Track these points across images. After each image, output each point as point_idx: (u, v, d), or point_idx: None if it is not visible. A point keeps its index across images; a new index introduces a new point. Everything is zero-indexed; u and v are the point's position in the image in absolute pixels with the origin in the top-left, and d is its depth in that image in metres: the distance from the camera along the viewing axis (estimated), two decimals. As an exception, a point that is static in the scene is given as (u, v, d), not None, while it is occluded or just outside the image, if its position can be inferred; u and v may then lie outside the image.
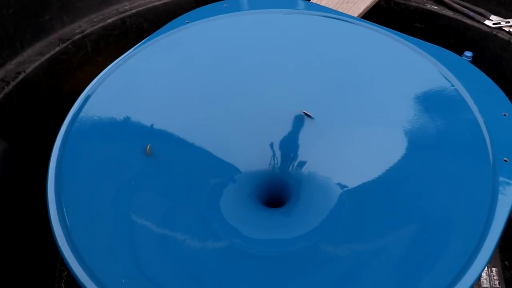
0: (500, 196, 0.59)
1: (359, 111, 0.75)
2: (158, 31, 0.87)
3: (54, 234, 0.58)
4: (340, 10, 0.95)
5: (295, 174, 0.73)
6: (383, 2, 1.09)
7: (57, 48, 0.94)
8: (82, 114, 0.72)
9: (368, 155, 0.70)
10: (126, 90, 0.76)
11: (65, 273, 0.90)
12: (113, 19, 1.03)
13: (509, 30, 0.95)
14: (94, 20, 1.02)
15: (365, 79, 0.78)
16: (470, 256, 0.54)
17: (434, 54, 0.78)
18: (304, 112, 0.66)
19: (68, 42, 0.96)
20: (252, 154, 0.74)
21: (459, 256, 0.54)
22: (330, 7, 0.96)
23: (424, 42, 0.83)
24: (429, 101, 0.72)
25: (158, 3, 1.08)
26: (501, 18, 0.98)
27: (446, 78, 0.74)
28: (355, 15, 0.97)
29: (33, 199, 0.82)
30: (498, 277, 0.74)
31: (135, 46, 0.83)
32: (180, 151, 0.72)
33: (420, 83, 0.75)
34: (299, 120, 0.76)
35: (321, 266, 0.59)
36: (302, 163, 0.73)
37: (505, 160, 0.63)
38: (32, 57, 0.91)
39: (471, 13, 1.00)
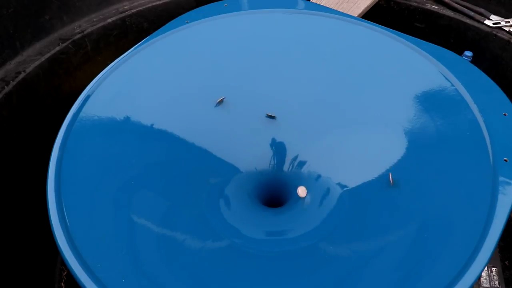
0: (500, 196, 0.59)
1: (359, 111, 0.75)
2: (158, 31, 0.87)
3: (54, 234, 0.58)
4: (340, 10, 0.95)
5: (295, 174, 0.73)
6: (383, 2, 1.09)
7: (57, 48, 0.94)
8: (82, 114, 0.72)
9: (368, 155, 0.70)
10: (126, 90, 0.76)
11: (65, 273, 0.91)
12: (113, 18, 1.03)
13: (509, 30, 0.95)
14: (94, 19, 1.02)
15: (365, 79, 0.78)
16: (470, 256, 0.54)
17: (434, 54, 0.78)
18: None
19: (68, 42, 0.96)
20: (252, 154, 0.74)
21: (459, 256, 0.54)
22: (330, 7, 0.96)
23: (424, 42, 0.83)
24: (429, 101, 0.72)
25: (158, 2, 1.08)
26: (501, 18, 0.98)
27: (446, 78, 0.74)
28: (355, 15, 0.97)
29: (33, 199, 0.82)
30: (498, 277, 0.74)
31: (135, 46, 0.83)
32: (180, 151, 0.72)
33: (420, 83, 0.75)
34: (300, 120, 0.76)
35: (321, 266, 0.59)
36: (302, 163, 0.73)
37: (505, 160, 0.63)
38: (32, 57, 0.91)
39: (471, 13, 1.00)
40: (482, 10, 1.00)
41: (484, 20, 0.98)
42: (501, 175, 0.62)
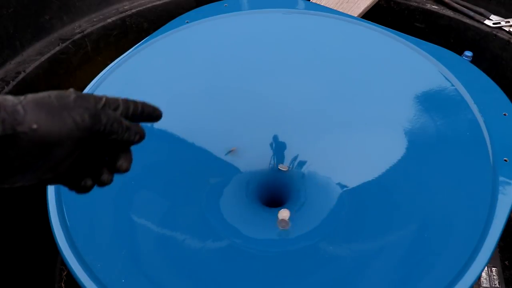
0: (500, 196, 0.59)
1: (359, 111, 0.75)
2: (158, 31, 0.87)
3: (54, 234, 0.58)
4: (340, 10, 0.95)
5: (295, 174, 0.73)
6: (383, 2, 1.09)
7: (57, 48, 0.94)
8: (82, 114, 0.72)
9: (368, 155, 0.70)
10: (126, 90, 0.76)
11: (65, 273, 0.91)
12: (113, 18, 1.03)
13: (509, 30, 0.95)
14: (94, 19, 1.02)
15: (365, 79, 0.78)
16: (470, 256, 0.54)
17: (434, 54, 0.78)
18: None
19: (68, 42, 0.96)
20: (252, 154, 0.74)
21: (459, 256, 0.54)
22: (330, 7, 0.96)
23: (424, 42, 0.83)
24: (429, 101, 0.72)
25: (158, 2, 1.08)
26: (501, 18, 0.98)
27: (446, 78, 0.74)
28: (355, 15, 0.97)
29: (33, 199, 0.82)
30: (498, 277, 0.74)
31: (135, 46, 0.83)
32: (180, 151, 0.72)
33: (420, 83, 0.75)
34: (299, 120, 0.76)
35: (321, 266, 0.59)
36: (302, 163, 0.73)
37: (505, 160, 0.63)
38: (32, 57, 0.91)
39: (471, 13, 1.00)
40: (482, 10, 1.00)
41: (484, 20, 0.98)
42: (501, 175, 0.62)
